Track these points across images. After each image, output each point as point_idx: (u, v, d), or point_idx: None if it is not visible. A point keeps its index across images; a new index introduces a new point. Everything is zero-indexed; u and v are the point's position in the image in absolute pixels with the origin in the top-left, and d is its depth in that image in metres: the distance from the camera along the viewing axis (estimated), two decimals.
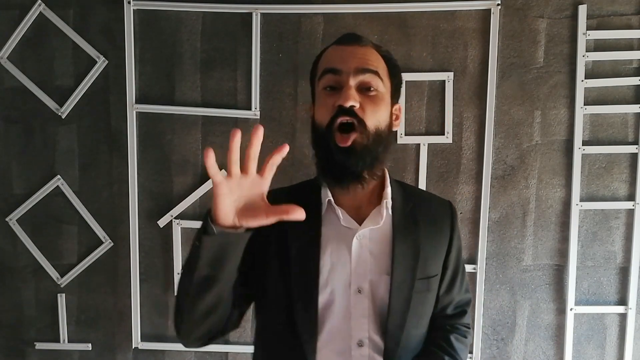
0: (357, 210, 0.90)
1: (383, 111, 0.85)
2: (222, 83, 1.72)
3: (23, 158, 1.77)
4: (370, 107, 0.83)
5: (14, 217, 1.77)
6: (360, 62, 0.83)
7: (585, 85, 1.67)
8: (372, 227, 0.88)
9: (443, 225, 0.96)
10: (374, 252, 0.88)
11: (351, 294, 0.86)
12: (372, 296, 0.87)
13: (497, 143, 1.71)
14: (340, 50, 0.86)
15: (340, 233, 0.88)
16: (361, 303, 0.86)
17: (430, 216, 0.95)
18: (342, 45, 0.87)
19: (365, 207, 0.90)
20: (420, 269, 0.89)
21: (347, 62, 0.83)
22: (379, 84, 0.84)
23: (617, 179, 1.71)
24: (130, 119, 1.73)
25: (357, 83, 0.83)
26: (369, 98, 0.83)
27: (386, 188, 0.91)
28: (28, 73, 1.73)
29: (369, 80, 0.83)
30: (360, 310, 0.86)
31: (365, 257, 0.87)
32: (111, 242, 1.78)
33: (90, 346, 1.82)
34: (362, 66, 0.83)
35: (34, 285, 1.81)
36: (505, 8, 1.66)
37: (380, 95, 0.85)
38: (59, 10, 1.71)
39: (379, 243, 0.88)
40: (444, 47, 1.68)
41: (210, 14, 1.70)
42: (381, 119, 0.85)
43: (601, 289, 1.75)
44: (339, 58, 0.85)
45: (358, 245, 0.87)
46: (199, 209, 1.76)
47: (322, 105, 0.85)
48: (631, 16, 1.66)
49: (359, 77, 0.83)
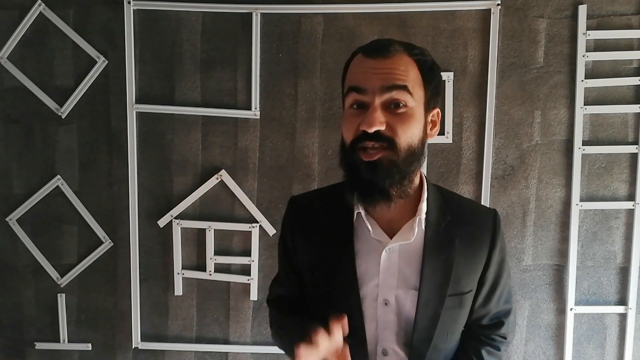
0: (390, 222, 0.87)
1: (415, 127, 0.80)
2: (222, 83, 1.73)
3: (23, 158, 1.77)
4: (399, 125, 0.78)
5: (14, 217, 1.77)
6: (386, 80, 0.78)
7: (585, 85, 1.67)
8: (403, 242, 0.86)
9: (482, 240, 0.91)
10: (403, 267, 0.86)
11: (378, 305, 0.87)
12: (398, 310, 0.87)
13: (497, 143, 1.71)
14: (365, 64, 0.80)
15: (371, 245, 0.87)
16: (387, 315, 0.87)
17: (469, 231, 0.90)
18: (368, 59, 0.80)
19: (399, 220, 0.87)
20: (451, 286, 0.87)
21: (371, 79, 0.78)
22: (408, 99, 0.78)
23: (617, 179, 1.70)
24: (130, 119, 1.73)
25: (383, 101, 0.78)
26: (397, 116, 0.78)
27: (421, 203, 0.87)
28: (28, 73, 1.73)
29: (396, 97, 0.78)
30: (386, 322, 0.87)
31: (393, 271, 0.86)
32: (111, 242, 1.78)
33: (90, 346, 1.82)
34: (388, 83, 0.77)
35: (34, 285, 1.82)
36: (505, 8, 1.66)
37: (410, 111, 0.79)
38: (59, 10, 1.71)
39: (409, 258, 0.87)
40: (444, 47, 1.68)
41: (210, 14, 1.70)
42: (413, 135, 0.79)
43: (601, 289, 1.75)
44: (364, 75, 0.80)
45: (387, 259, 0.86)
46: (199, 209, 1.76)
47: (347, 123, 0.82)
48: (631, 16, 1.66)
49: (384, 95, 0.77)
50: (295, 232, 0.95)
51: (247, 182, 1.75)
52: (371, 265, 0.87)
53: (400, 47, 0.81)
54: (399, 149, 0.78)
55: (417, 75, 0.81)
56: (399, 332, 0.87)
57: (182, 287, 1.79)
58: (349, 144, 0.81)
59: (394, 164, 0.78)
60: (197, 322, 1.81)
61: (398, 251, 0.86)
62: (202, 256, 1.77)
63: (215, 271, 1.77)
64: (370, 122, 0.76)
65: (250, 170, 1.75)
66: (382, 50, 0.80)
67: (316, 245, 0.91)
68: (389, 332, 0.87)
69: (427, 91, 0.83)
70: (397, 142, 0.78)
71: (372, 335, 0.87)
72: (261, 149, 1.74)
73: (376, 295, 0.87)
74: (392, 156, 0.78)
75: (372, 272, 0.86)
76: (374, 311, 0.87)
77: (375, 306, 0.87)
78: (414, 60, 0.81)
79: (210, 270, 1.76)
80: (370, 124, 0.76)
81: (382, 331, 0.87)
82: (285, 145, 1.73)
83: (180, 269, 1.77)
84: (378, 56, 0.80)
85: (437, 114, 0.88)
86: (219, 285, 1.78)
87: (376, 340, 0.88)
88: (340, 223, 0.89)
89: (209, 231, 1.75)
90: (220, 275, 1.77)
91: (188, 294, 1.80)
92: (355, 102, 0.81)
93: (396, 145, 0.78)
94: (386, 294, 0.86)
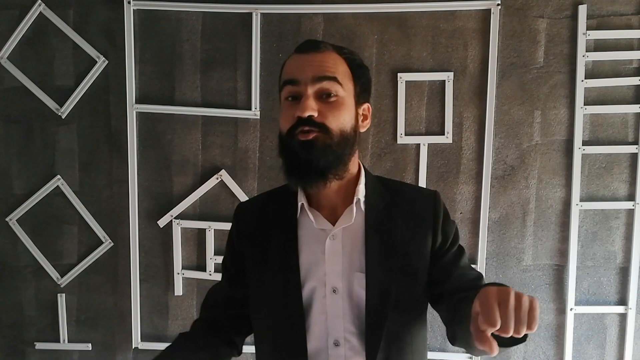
0: (333, 211, 0.91)
1: (345, 114, 0.86)
2: (222, 83, 1.73)
3: (23, 158, 1.77)
4: (330, 112, 0.84)
5: (14, 217, 1.77)
6: (317, 70, 0.84)
7: (585, 85, 1.67)
8: (344, 226, 0.89)
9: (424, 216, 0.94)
10: (347, 250, 0.88)
11: (327, 294, 0.87)
12: (348, 295, 0.87)
13: (497, 143, 1.71)
14: (298, 59, 0.87)
15: (315, 235, 0.89)
16: (336, 303, 0.87)
17: (410, 210, 0.94)
18: (300, 54, 0.88)
19: (340, 207, 0.91)
20: (400, 263, 0.89)
21: (304, 71, 0.85)
22: (338, 89, 0.85)
23: (617, 179, 1.71)
24: (130, 119, 1.73)
25: (315, 91, 0.84)
26: (329, 104, 0.84)
27: (359, 185, 0.91)
28: (28, 73, 1.73)
29: (327, 87, 0.84)
30: (335, 310, 0.87)
31: (339, 256, 0.88)
32: (111, 242, 1.78)
33: (90, 346, 1.82)
34: (319, 74, 0.84)
35: (34, 285, 1.82)
36: (505, 8, 1.66)
37: (340, 100, 0.85)
38: (59, 10, 1.71)
39: (351, 241, 0.89)
40: (444, 47, 1.68)
41: (210, 14, 1.71)
42: (345, 122, 0.85)
43: (601, 289, 1.75)
44: (297, 68, 0.86)
45: (330, 245, 0.88)
46: (199, 209, 1.76)
47: (284, 116, 0.87)
48: (631, 16, 1.66)
49: (316, 85, 0.84)
50: (241, 236, 0.97)
51: (247, 182, 1.75)
52: (317, 255, 0.88)
53: (330, 46, 0.89)
54: (332, 133, 0.84)
55: (346, 70, 0.88)
56: (349, 320, 0.87)
57: (182, 287, 1.79)
58: (286, 132, 0.86)
59: (327, 145, 0.83)
60: None
61: (341, 236, 0.89)
62: (202, 256, 1.77)
63: (215, 271, 1.77)
64: (304, 108, 0.82)
65: (250, 170, 1.75)
66: (313, 46, 0.88)
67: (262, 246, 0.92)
68: (339, 320, 0.87)
69: (357, 86, 0.90)
70: (329, 127, 0.83)
71: (322, 327, 0.87)
72: (261, 149, 1.74)
73: (324, 283, 0.87)
74: (326, 139, 0.83)
75: (319, 261, 0.88)
76: (322, 302, 0.87)
77: (324, 296, 0.87)
78: (343, 58, 0.89)
79: (210, 270, 1.76)
80: (303, 109, 0.82)
81: (332, 321, 0.87)
82: None
83: (180, 269, 1.77)
84: (310, 51, 0.87)
85: (368, 108, 0.94)
86: None
87: (326, 332, 0.87)
88: (284, 219, 0.92)
89: (209, 231, 1.75)
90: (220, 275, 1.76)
91: (188, 294, 1.80)
92: (290, 95, 0.87)
93: (329, 129, 0.83)
94: (334, 281, 0.87)
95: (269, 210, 0.96)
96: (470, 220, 1.73)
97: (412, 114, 1.71)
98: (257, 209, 0.99)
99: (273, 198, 0.99)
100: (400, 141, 1.70)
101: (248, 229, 0.96)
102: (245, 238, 0.96)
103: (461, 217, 1.73)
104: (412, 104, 1.70)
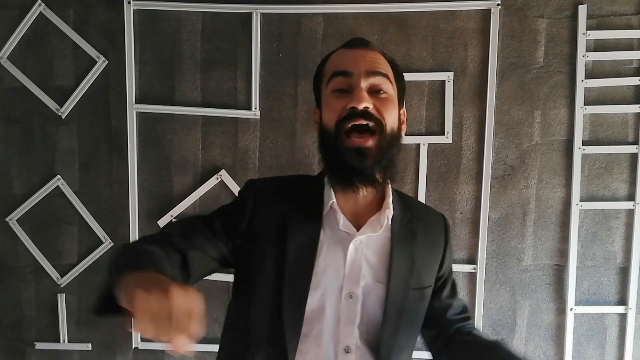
0: (356, 216, 0.89)
1: (395, 113, 0.85)
2: (222, 83, 1.73)
3: (23, 158, 1.77)
4: (384, 108, 0.82)
5: (14, 217, 1.77)
6: (371, 65, 0.83)
7: (585, 85, 1.67)
8: (370, 234, 0.87)
9: (438, 237, 0.96)
10: (370, 259, 0.87)
11: (342, 299, 0.85)
12: (364, 303, 0.85)
13: (497, 143, 1.71)
14: (350, 53, 0.86)
15: (338, 237, 0.87)
16: (351, 309, 0.85)
17: (426, 228, 0.94)
18: (351, 49, 0.86)
19: (364, 214, 0.89)
20: (414, 280, 0.88)
21: (357, 64, 0.83)
22: (389, 87, 0.84)
23: (617, 179, 1.71)
24: (130, 119, 1.73)
25: (368, 85, 0.82)
26: (381, 100, 0.82)
27: (387, 198, 0.89)
28: (28, 73, 1.73)
29: (379, 82, 0.83)
30: (349, 316, 0.85)
31: (360, 263, 0.86)
32: (111, 242, 1.78)
33: (90, 346, 1.82)
34: (373, 69, 0.83)
35: (34, 285, 1.81)
36: (505, 8, 1.66)
37: (390, 98, 0.84)
38: (59, 10, 1.71)
39: (376, 251, 0.87)
40: (444, 47, 1.68)
41: (210, 14, 1.70)
42: (394, 122, 0.85)
43: (601, 289, 1.75)
44: (349, 61, 0.84)
45: (354, 251, 0.86)
46: (199, 209, 1.76)
47: (331, 105, 0.83)
48: (631, 16, 1.66)
49: (369, 79, 0.82)
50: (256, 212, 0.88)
51: None
52: (335, 258, 0.85)
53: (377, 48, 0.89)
54: (386, 131, 0.82)
55: (392, 73, 0.88)
56: (361, 327, 0.85)
57: None
58: (335, 124, 0.82)
59: (381, 149, 0.81)
60: None
61: (365, 243, 0.87)
62: None
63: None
64: (360, 99, 0.79)
65: (250, 170, 1.75)
66: (365, 43, 0.87)
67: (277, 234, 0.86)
68: (352, 327, 0.85)
69: (398, 89, 0.89)
70: (384, 124, 0.81)
71: (334, 332, 0.84)
72: (261, 149, 1.74)
73: (340, 287, 0.84)
74: (380, 141, 0.81)
75: (337, 265, 0.85)
76: (336, 306, 0.84)
77: (338, 300, 0.84)
78: (387, 60, 0.89)
79: None
80: (359, 100, 0.79)
81: (345, 327, 0.85)
82: (285, 145, 1.73)
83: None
84: (361, 46, 0.86)
85: (404, 113, 0.94)
86: (219, 285, 1.77)
87: (337, 338, 0.85)
88: (309, 214, 0.87)
89: None
90: (221, 275, 1.76)
91: None
92: (338, 87, 0.83)
93: (384, 127, 0.81)
94: (351, 287, 0.85)
95: (291, 199, 0.89)
96: (470, 220, 1.73)
97: (412, 114, 1.71)
98: (275, 193, 0.91)
99: (292, 187, 0.93)
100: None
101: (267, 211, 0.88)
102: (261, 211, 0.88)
103: (461, 217, 1.73)
104: (412, 104, 1.70)
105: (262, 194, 0.91)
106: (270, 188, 0.94)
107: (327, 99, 0.86)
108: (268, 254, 0.86)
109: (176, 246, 0.84)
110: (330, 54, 0.91)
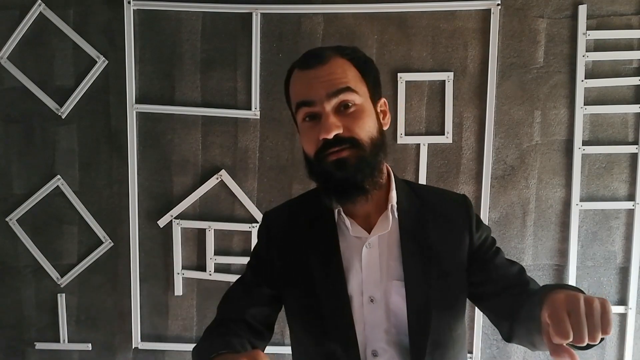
0: (366, 218, 0.88)
1: (369, 120, 0.82)
2: (222, 83, 1.73)
3: (23, 158, 1.77)
4: (354, 123, 0.80)
5: (14, 217, 1.77)
6: (330, 86, 0.80)
7: (585, 85, 1.67)
8: (381, 234, 0.86)
9: (457, 219, 0.91)
10: (384, 258, 0.86)
11: (364, 303, 0.85)
12: (386, 305, 0.85)
13: (497, 143, 1.71)
14: (305, 77, 0.83)
15: (351, 243, 0.87)
16: (374, 312, 0.85)
17: (441, 213, 0.91)
18: (305, 71, 0.83)
19: (374, 214, 0.88)
20: (435, 269, 0.86)
21: (316, 90, 0.80)
22: (354, 98, 0.81)
23: (617, 179, 1.71)
24: (130, 119, 1.73)
25: (333, 107, 0.80)
26: (350, 116, 0.81)
27: (391, 192, 0.88)
28: (28, 73, 1.73)
29: (343, 98, 0.80)
30: (374, 319, 0.85)
31: (375, 264, 0.85)
32: (111, 242, 1.78)
33: (90, 346, 1.82)
34: (333, 89, 0.80)
35: (34, 285, 1.82)
36: (505, 8, 1.66)
37: (359, 108, 0.82)
38: (59, 10, 1.71)
39: (388, 249, 0.86)
40: (444, 47, 1.68)
41: (210, 14, 1.71)
42: (370, 129, 0.82)
43: (601, 289, 1.74)
44: (307, 88, 0.82)
45: (367, 254, 0.86)
46: (199, 209, 1.76)
47: (306, 137, 0.84)
48: (631, 16, 1.66)
49: (332, 100, 0.80)
50: (272, 247, 0.94)
51: (247, 182, 1.75)
52: (353, 263, 0.86)
53: (331, 52, 0.84)
54: (363, 144, 0.81)
55: (355, 73, 0.84)
56: (388, 330, 0.85)
57: (182, 287, 1.79)
58: (314, 156, 0.83)
59: (362, 159, 0.80)
60: (197, 322, 1.81)
61: (378, 244, 0.86)
62: (202, 256, 1.77)
63: (215, 271, 1.77)
64: (328, 129, 0.78)
65: (250, 170, 1.75)
66: (316, 58, 0.83)
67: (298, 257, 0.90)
68: (378, 330, 0.85)
69: (369, 84, 0.86)
70: (358, 139, 0.80)
71: (360, 337, 0.85)
72: (261, 149, 1.74)
73: (361, 292, 0.85)
74: (359, 153, 0.80)
75: (355, 270, 0.86)
76: (359, 311, 0.85)
77: (361, 305, 0.85)
78: (347, 60, 0.84)
79: (210, 270, 1.77)
80: (327, 130, 0.78)
81: (371, 331, 0.85)
82: (285, 145, 1.73)
83: (180, 269, 1.77)
84: (314, 65, 0.82)
85: (384, 103, 0.90)
86: (219, 285, 1.78)
87: (365, 342, 0.85)
88: (322, 226, 0.88)
89: (209, 231, 1.75)
90: (220, 275, 1.77)
91: (188, 294, 1.80)
92: (307, 115, 0.83)
93: (359, 142, 0.80)
94: (371, 291, 0.85)
95: (301, 218, 0.92)
96: None
97: (412, 114, 1.71)
98: (288, 217, 0.95)
99: (302, 207, 0.96)
100: (400, 141, 1.70)
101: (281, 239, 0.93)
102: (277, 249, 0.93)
103: None
104: (412, 104, 1.70)
105: (272, 230, 0.95)
106: (281, 217, 0.97)
107: (301, 128, 0.86)
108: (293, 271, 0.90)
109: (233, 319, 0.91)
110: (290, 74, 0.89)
